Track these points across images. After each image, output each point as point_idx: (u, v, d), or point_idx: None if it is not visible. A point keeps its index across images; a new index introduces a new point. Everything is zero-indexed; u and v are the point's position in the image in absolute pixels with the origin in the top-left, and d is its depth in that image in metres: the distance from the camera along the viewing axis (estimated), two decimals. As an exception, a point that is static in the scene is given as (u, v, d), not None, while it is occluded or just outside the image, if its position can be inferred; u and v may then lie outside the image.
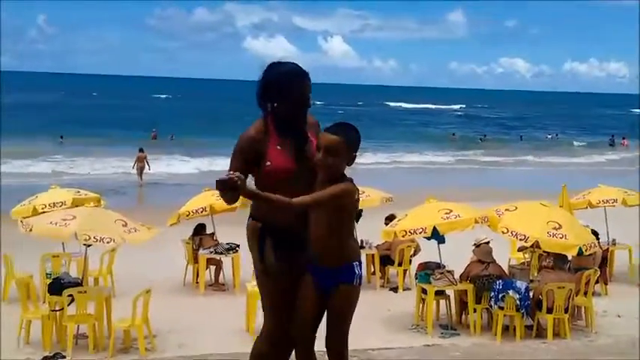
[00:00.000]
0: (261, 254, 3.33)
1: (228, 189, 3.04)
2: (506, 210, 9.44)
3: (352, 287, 3.29)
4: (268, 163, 3.27)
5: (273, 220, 3.31)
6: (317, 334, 3.43)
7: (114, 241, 8.73)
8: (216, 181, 3.05)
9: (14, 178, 24.88)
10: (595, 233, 10.33)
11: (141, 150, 24.88)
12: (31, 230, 8.95)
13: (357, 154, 3.31)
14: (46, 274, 10.18)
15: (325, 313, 3.36)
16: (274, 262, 3.30)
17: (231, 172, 3.07)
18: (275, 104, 3.31)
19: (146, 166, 24.64)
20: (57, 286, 8.75)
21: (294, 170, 3.28)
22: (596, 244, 9.31)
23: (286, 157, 3.29)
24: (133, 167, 24.67)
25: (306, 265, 3.33)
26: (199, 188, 12.58)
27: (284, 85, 3.30)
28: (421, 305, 9.67)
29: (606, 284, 11.26)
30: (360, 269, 3.30)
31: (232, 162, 3.30)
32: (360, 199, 11.96)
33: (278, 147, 3.29)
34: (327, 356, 3.36)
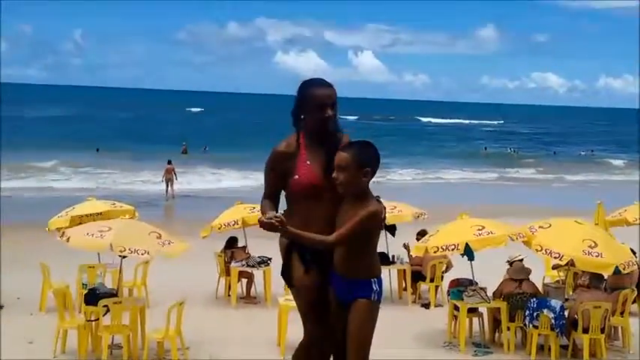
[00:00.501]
0: (290, 268, 3.45)
1: (271, 231, 3.23)
2: (540, 227, 9.32)
3: (369, 302, 3.34)
4: (296, 176, 3.36)
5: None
6: None
7: (148, 253, 8.85)
8: (259, 221, 3.28)
9: (49, 190, 25.44)
10: (633, 252, 10.14)
11: (169, 162, 25.54)
12: (68, 240, 9.14)
13: (374, 169, 3.37)
14: (82, 284, 10.36)
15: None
16: (302, 276, 3.39)
17: (272, 215, 3.22)
18: (302, 116, 3.42)
19: (174, 178, 25.12)
20: (93, 296, 8.90)
21: (320, 185, 3.35)
22: (634, 263, 9.12)
23: (314, 172, 3.36)
24: (162, 180, 25.24)
25: (330, 277, 3.41)
26: (231, 201, 12.69)
27: (306, 94, 3.43)
28: (453, 322, 9.58)
29: (644, 304, 11.02)
30: (379, 286, 3.36)
31: (266, 177, 3.46)
32: (392, 214, 11.91)
33: (307, 162, 3.38)
34: None
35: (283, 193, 3.51)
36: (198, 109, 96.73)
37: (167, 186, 24.91)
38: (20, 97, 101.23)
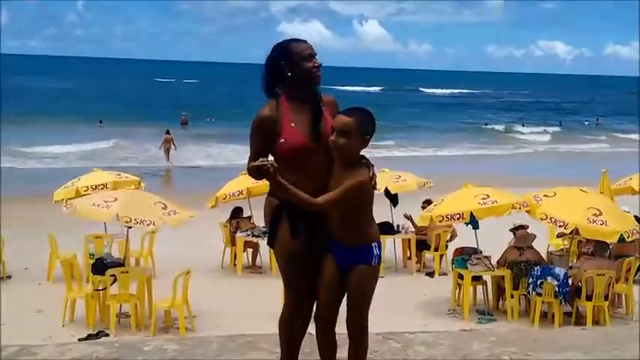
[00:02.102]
0: (277, 231, 3.39)
1: (262, 175, 3.14)
2: (544, 196, 9.33)
3: (370, 267, 3.35)
4: (282, 140, 3.30)
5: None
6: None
7: (154, 223, 8.92)
8: (250, 166, 3.17)
9: (55, 161, 25.49)
10: (638, 220, 10.15)
11: (167, 132, 26.38)
12: (74, 211, 9.21)
13: (372, 137, 3.35)
14: (90, 254, 10.44)
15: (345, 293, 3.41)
16: (289, 241, 3.35)
17: (265, 160, 3.15)
18: (289, 74, 3.35)
19: (172, 148, 25.93)
20: (100, 266, 8.98)
21: (308, 147, 3.30)
22: (639, 231, 9.14)
23: (300, 134, 3.32)
24: (160, 148, 26.15)
25: (329, 244, 3.37)
26: (235, 172, 12.72)
27: (289, 50, 3.36)
28: (457, 290, 9.66)
29: (647, 272, 11.07)
30: (379, 250, 3.36)
31: (252, 142, 3.38)
32: (397, 183, 11.94)
33: (292, 124, 3.32)
34: (347, 334, 3.40)
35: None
36: (196, 81, 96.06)
37: (167, 156, 25.71)
38: (22, 69, 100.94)
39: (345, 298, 3.41)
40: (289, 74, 3.35)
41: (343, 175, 3.26)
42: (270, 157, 3.31)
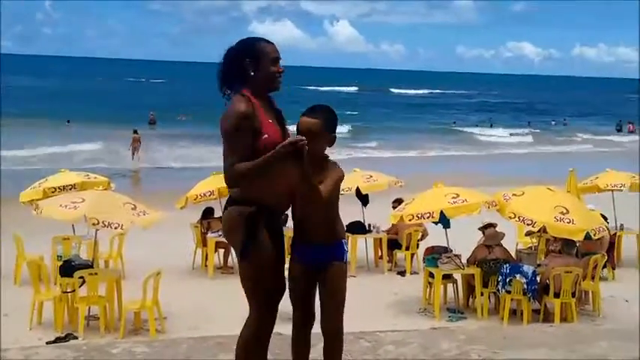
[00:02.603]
0: (254, 239, 3.21)
1: (298, 153, 3.10)
2: (513, 195, 9.45)
3: (343, 264, 3.36)
4: (265, 135, 3.22)
5: (272, 203, 3.24)
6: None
7: (122, 227, 8.81)
8: (284, 144, 3.12)
9: (22, 162, 25.02)
10: (604, 217, 10.35)
11: (135, 132, 26.71)
12: (41, 212, 9.05)
13: (337, 135, 3.38)
14: (57, 256, 10.28)
15: (318, 291, 3.37)
16: (268, 254, 3.23)
17: (299, 137, 3.12)
18: (252, 73, 3.26)
19: (139, 147, 26.37)
20: (68, 268, 8.84)
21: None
22: (604, 229, 9.32)
23: (278, 129, 3.32)
24: (129, 149, 26.37)
25: (292, 244, 3.35)
26: (206, 173, 12.63)
27: (257, 49, 3.28)
28: (428, 289, 9.73)
29: (614, 269, 11.29)
30: (347, 246, 3.41)
31: (235, 139, 3.17)
32: (368, 183, 11.94)
33: (269, 120, 3.29)
34: (323, 336, 3.36)
35: None
36: (163, 81, 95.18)
37: (133, 154, 25.98)
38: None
39: (319, 298, 3.39)
40: (252, 73, 3.26)
41: (318, 173, 3.25)
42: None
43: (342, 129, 37.77)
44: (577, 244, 9.61)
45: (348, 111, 46.98)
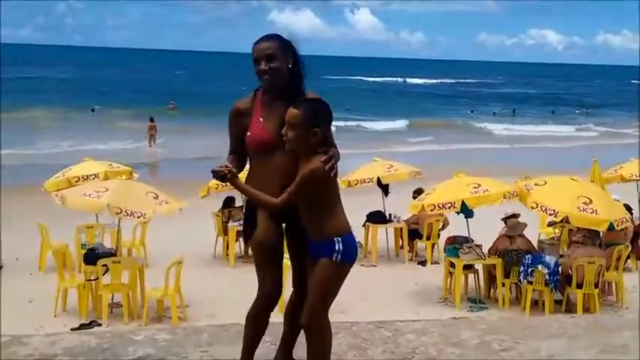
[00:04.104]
0: (249, 221, 3.44)
1: (219, 179, 3.27)
2: (535, 185, 9.37)
3: (331, 262, 3.21)
4: (249, 133, 3.37)
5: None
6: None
7: (144, 216, 8.88)
8: (211, 170, 3.29)
9: (47, 151, 25.35)
10: (628, 208, 10.22)
11: (151, 119, 27.75)
12: (65, 202, 9.16)
13: (324, 129, 3.23)
14: (81, 244, 10.42)
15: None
16: (266, 231, 3.36)
17: (223, 165, 3.27)
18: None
19: (156, 135, 27.26)
20: (92, 256, 8.97)
21: (271, 143, 3.31)
22: (628, 219, 9.21)
23: (266, 129, 3.33)
24: (145, 136, 27.29)
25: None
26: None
27: (253, 47, 3.41)
28: (449, 279, 9.70)
29: (638, 260, 11.16)
30: (345, 245, 3.21)
31: (230, 134, 3.50)
32: (389, 172, 11.91)
33: (261, 119, 3.36)
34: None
35: None
36: (184, 72, 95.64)
37: (149, 142, 26.95)
38: (13, 58, 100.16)
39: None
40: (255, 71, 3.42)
41: (301, 169, 3.21)
42: (226, 163, 3.38)
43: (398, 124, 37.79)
44: (600, 235, 9.51)
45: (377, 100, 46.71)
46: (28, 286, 9.74)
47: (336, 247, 3.20)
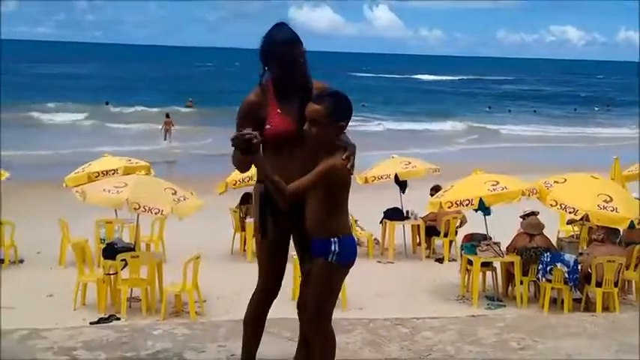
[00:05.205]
0: (262, 218, 3.33)
1: (243, 148, 3.00)
2: (555, 182, 9.29)
3: (326, 263, 3.16)
4: (268, 126, 3.25)
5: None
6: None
7: (162, 212, 8.93)
8: (234, 135, 3.00)
9: (66, 147, 25.59)
10: (649, 206, 10.08)
11: (167, 115, 28.58)
12: (85, 197, 9.26)
13: (348, 122, 3.18)
14: (100, 239, 10.52)
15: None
16: (271, 229, 3.31)
17: (250, 131, 3.00)
18: (266, 68, 3.31)
19: (171, 130, 27.70)
20: (111, 251, 9.05)
21: (294, 134, 3.23)
22: (649, 218, 9.08)
23: (287, 120, 3.27)
24: (161, 132, 27.77)
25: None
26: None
27: (271, 42, 3.30)
28: (467, 276, 9.66)
29: (658, 259, 11.02)
30: (341, 247, 3.15)
31: (241, 123, 3.25)
32: (406, 169, 11.86)
33: (279, 110, 3.28)
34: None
35: None
36: (208, 65, 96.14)
37: (165, 136, 27.40)
38: (32, 54, 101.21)
39: None
40: (266, 68, 3.32)
41: (319, 162, 3.14)
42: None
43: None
44: (620, 233, 9.41)
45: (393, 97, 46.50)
46: (49, 280, 9.85)
47: (332, 248, 3.14)
